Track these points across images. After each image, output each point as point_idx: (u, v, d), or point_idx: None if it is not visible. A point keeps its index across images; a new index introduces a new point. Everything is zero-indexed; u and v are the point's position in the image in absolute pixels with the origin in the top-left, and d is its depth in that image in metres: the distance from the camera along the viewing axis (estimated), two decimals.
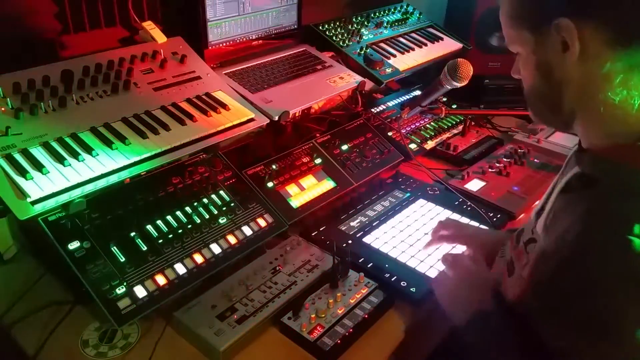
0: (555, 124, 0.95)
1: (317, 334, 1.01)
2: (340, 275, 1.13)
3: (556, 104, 0.86)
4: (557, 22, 0.77)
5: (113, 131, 1.19)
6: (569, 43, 0.77)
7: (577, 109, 0.85)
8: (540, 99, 0.89)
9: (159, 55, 1.42)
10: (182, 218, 1.16)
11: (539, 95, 0.89)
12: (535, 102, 0.91)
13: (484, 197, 1.47)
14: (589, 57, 0.77)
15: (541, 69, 0.84)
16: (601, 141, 0.83)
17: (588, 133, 0.86)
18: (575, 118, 0.86)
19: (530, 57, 0.85)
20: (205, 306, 1.05)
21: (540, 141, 1.76)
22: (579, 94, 0.82)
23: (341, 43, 1.83)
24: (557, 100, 0.85)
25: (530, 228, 0.95)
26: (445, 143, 1.75)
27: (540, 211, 0.94)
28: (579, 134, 0.89)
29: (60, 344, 1.00)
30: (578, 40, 0.76)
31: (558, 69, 0.81)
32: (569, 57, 0.79)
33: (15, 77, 1.18)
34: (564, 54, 0.79)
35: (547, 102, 0.88)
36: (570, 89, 0.82)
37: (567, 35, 0.77)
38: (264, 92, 1.52)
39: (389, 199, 1.46)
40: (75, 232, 1.04)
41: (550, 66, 0.82)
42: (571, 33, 0.76)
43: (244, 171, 1.34)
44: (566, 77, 0.81)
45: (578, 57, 0.78)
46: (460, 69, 1.42)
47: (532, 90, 0.89)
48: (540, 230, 0.90)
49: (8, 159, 1.05)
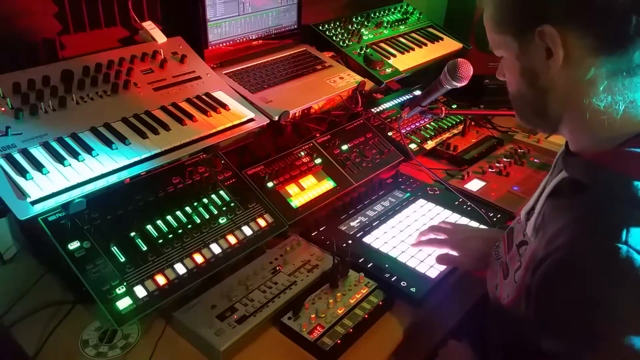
0: (541, 127, 0.95)
1: (317, 334, 1.01)
2: (340, 275, 1.13)
3: (541, 109, 0.85)
4: (540, 29, 0.76)
5: (113, 131, 1.19)
6: (552, 50, 0.77)
7: (562, 113, 0.84)
8: (526, 103, 0.88)
9: (159, 55, 1.42)
10: (182, 218, 1.16)
11: (523, 99, 0.88)
12: (520, 105, 0.90)
13: (484, 197, 1.47)
14: (573, 63, 0.77)
15: (525, 74, 0.84)
16: (588, 146, 0.83)
17: (575, 138, 0.86)
18: (562, 122, 0.85)
19: (515, 63, 0.84)
20: (205, 306, 1.05)
21: (540, 141, 1.76)
22: (563, 99, 0.82)
23: (341, 43, 1.83)
24: (542, 105, 0.85)
25: (522, 230, 0.95)
26: (445, 143, 1.75)
27: (531, 212, 0.94)
28: (565, 137, 0.89)
29: (60, 344, 1.00)
30: (562, 47, 0.76)
31: (542, 75, 0.81)
32: (552, 64, 0.78)
33: (15, 77, 1.18)
34: (547, 60, 0.78)
35: (532, 107, 0.88)
36: (555, 94, 0.82)
37: (550, 42, 0.76)
38: (264, 92, 1.52)
39: (389, 199, 1.46)
40: (75, 232, 1.04)
41: (535, 72, 0.82)
42: (554, 40, 0.75)
43: (244, 171, 1.34)
44: (550, 83, 0.81)
45: (562, 63, 0.77)
46: (460, 69, 1.42)
47: (516, 94, 0.89)
48: (531, 232, 0.90)
49: (8, 159, 1.05)
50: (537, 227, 0.88)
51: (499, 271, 0.99)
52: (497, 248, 1.05)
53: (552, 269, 0.76)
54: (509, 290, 0.92)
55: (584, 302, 0.74)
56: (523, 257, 0.90)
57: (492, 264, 1.05)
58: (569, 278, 0.75)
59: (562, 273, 0.76)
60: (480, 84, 2.09)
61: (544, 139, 1.77)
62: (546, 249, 0.79)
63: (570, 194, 0.83)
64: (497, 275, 1.00)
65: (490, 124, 1.97)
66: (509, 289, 0.92)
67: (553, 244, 0.78)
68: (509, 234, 1.01)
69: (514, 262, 0.93)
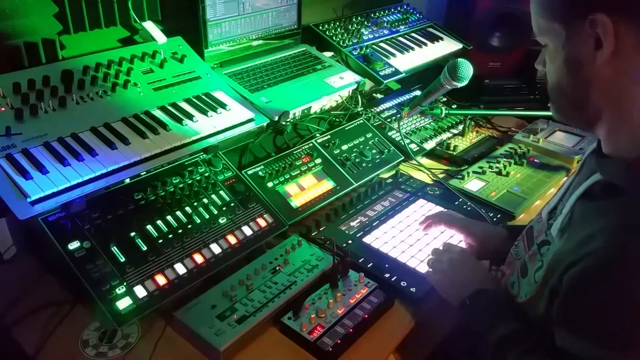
0: (577, 122, 0.91)
1: (317, 334, 1.01)
2: (340, 275, 1.13)
3: (581, 102, 0.82)
4: (592, 17, 0.73)
5: (113, 131, 1.19)
6: (602, 40, 0.74)
7: (603, 109, 0.81)
8: (565, 95, 0.85)
9: (159, 55, 1.42)
10: (182, 218, 1.16)
11: (563, 91, 0.84)
12: (559, 97, 0.86)
13: (483, 197, 1.47)
14: (623, 56, 0.74)
15: (569, 64, 0.80)
16: (628, 150, 0.80)
17: (615, 138, 0.82)
18: (601, 118, 0.82)
19: (559, 51, 0.80)
20: (205, 306, 1.05)
21: (540, 141, 1.76)
22: (607, 94, 0.79)
23: (341, 43, 1.83)
24: (582, 98, 0.81)
25: (544, 230, 0.92)
26: (445, 143, 1.75)
27: (553, 211, 0.92)
28: (601, 136, 0.85)
29: (60, 344, 1.00)
30: (614, 38, 0.73)
31: (587, 66, 0.77)
32: (600, 55, 0.75)
33: (15, 77, 1.18)
34: (595, 51, 0.75)
35: (571, 99, 0.84)
36: (598, 87, 0.79)
37: (602, 31, 0.73)
38: (264, 92, 1.52)
39: (389, 199, 1.46)
40: (75, 232, 1.04)
41: (580, 62, 0.78)
42: (607, 30, 0.72)
43: (244, 171, 1.34)
44: (595, 75, 0.78)
45: (610, 56, 0.74)
46: (460, 69, 1.42)
47: (556, 85, 0.85)
48: (555, 233, 0.87)
49: (8, 159, 1.05)
50: (563, 228, 0.86)
51: (517, 270, 0.98)
52: (517, 247, 1.04)
53: (587, 273, 0.75)
54: (528, 289, 0.91)
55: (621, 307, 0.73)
56: (545, 257, 0.88)
57: (511, 263, 1.04)
58: (605, 284, 0.74)
59: (598, 279, 0.74)
60: (480, 84, 2.09)
61: (544, 139, 1.77)
62: (577, 253, 0.77)
63: (604, 197, 0.81)
64: (514, 273, 0.98)
65: (490, 124, 1.97)
66: (528, 288, 0.91)
67: (585, 247, 0.76)
68: (529, 232, 1.00)
69: (533, 261, 0.91)
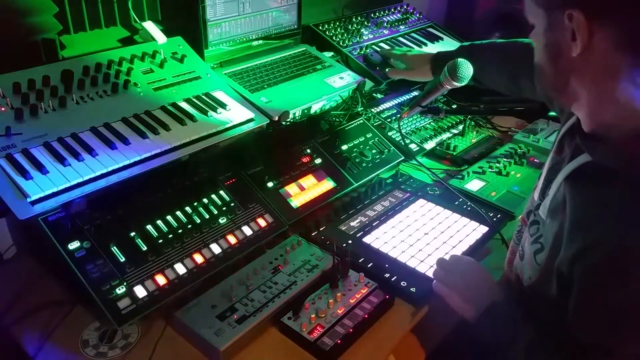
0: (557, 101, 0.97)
1: (317, 334, 1.01)
2: (340, 275, 1.13)
3: (559, 85, 0.87)
4: (570, 12, 0.77)
5: (113, 131, 1.19)
6: (576, 35, 0.77)
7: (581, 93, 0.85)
8: (545, 76, 0.89)
9: (159, 55, 1.42)
10: (182, 218, 1.16)
11: (544, 72, 0.89)
12: (541, 77, 0.91)
13: (483, 197, 1.47)
14: (597, 52, 0.77)
15: (549, 50, 0.85)
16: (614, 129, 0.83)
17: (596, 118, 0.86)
18: (579, 100, 0.86)
19: (541, 35, 0.86)
20: (205, 306, 1.05)
21: (540, 141, 1.76)
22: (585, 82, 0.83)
23: (341, 43, 1.84)
24: (560, 82, 0.86)
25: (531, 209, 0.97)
26: (445, 143, 1.75)
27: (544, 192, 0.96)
28: (581, 116, 0.89)
29: (60, 344, 1.00)
30: (587, 36, 0.76)
31: (566, 54, 0.81)
32: (575, 48, 0.79)
33: (15, 77, 1.18)
34: (572, 42, 0.79)
35: (551, 81, 0.89)
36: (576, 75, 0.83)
37: (576, 27, 0.77)
38: (264, 92, 1.52)
39: (389, 199, 1.46)
40: (75, 232, 1.04)
41: (559, 50, 0.82)
42: (581, 27, 0.76)
43: (244, 171, 1.34)
44: (572, 63, 0.82)
45: (585, 49, 0.78)
46: (460, 69, 1.42)
47: (538, 65, 0.90)
48: (545, 214, 0.91)
49: (8, 159, 1.05)
50: (553, 208, 0.89)
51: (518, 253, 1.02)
52: (519, 232, 1.08)
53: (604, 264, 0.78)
54: (531, 272, 0.94)
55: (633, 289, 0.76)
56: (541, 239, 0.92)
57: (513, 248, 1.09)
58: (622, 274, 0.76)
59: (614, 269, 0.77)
60: None
61: (544, 139, 1.77)
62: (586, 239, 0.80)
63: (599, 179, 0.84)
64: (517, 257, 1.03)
65: (490, 124, 1.97)
66: (531, 271, 0.94)
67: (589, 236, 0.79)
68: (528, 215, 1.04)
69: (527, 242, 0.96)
